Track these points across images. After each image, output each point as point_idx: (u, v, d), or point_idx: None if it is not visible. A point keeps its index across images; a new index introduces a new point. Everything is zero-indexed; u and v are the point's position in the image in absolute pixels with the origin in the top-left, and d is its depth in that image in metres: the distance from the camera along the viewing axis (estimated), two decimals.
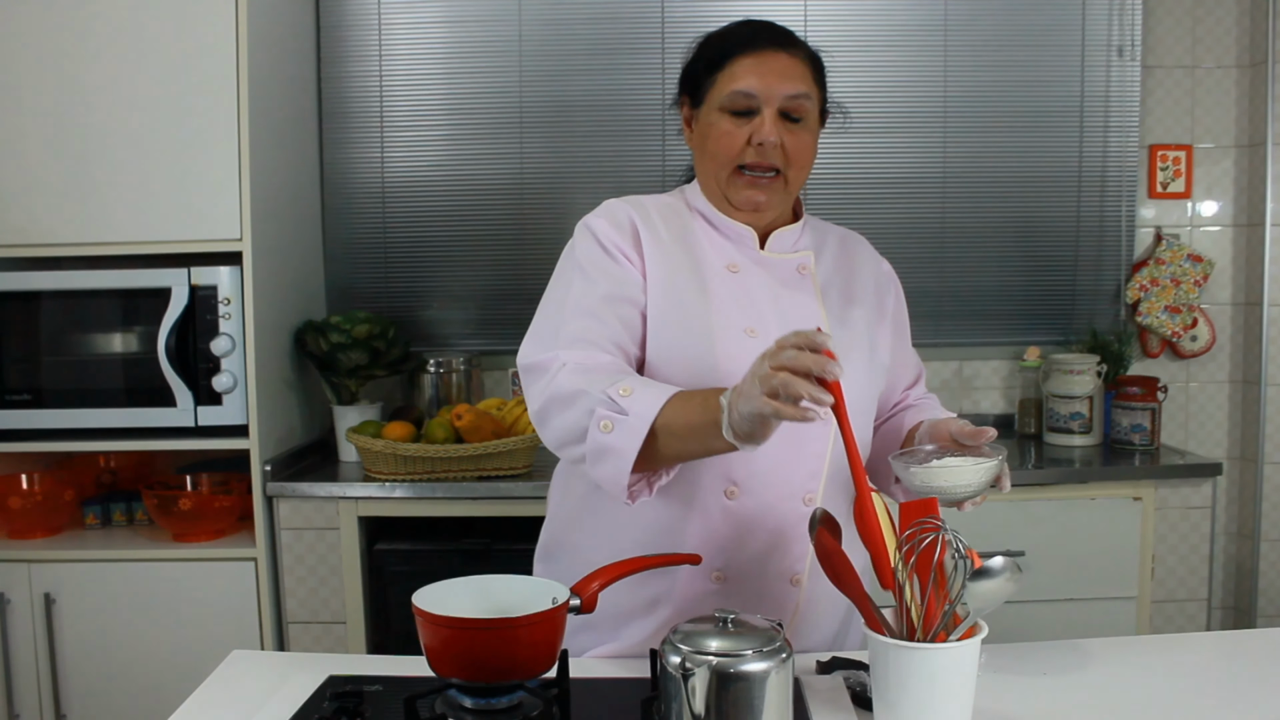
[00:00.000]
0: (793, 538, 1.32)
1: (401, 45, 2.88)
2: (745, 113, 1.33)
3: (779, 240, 1.41)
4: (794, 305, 1.37)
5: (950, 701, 1.01)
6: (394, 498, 2.37)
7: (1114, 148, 2.93)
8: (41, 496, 2.47)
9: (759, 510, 1.30)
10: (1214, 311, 2.98)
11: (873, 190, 2.92)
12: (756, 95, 1.32)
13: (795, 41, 1.37)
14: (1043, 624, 2.27)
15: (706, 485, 1.30)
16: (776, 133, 1.32)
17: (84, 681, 2.36)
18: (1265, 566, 2.91)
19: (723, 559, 1.32)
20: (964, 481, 1.19)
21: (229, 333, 2.32)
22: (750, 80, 1.32)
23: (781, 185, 1.36)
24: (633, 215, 1.38)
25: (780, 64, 1.33)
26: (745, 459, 1.26)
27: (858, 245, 1.51)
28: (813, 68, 1.38)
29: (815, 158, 1.41)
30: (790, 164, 1.35)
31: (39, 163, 2.32)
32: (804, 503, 1.32)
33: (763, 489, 1.31)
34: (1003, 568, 0.99)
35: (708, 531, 1.31)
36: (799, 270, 1.40)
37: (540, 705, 1.11)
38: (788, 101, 1.33)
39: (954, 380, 2.98)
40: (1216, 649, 1.45)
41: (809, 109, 1.35)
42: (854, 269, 1.46)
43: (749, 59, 1.33)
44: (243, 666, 1.32)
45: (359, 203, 2.91)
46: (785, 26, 1.38)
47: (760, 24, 1.38)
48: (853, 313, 1.41)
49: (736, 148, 1.33)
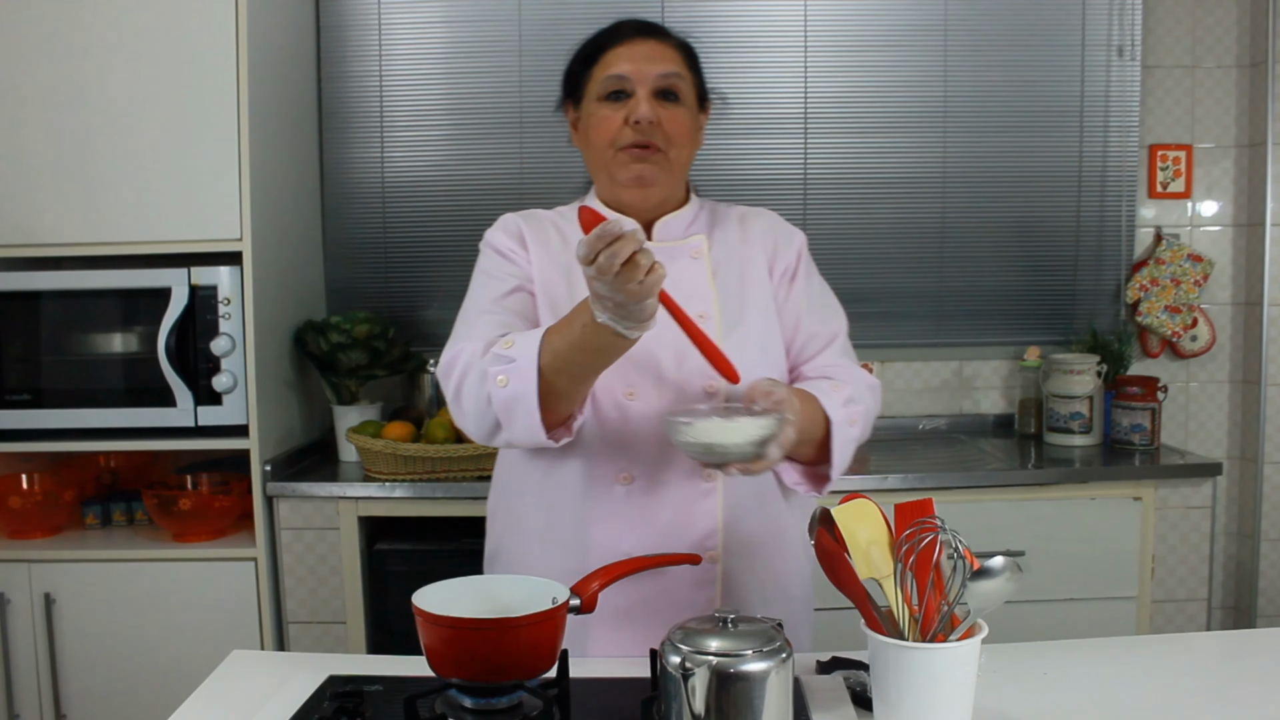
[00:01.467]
0: (696, 514, 1.36)
1: (401, 45, 2.88)
2: (620, 95, 1.39)
3: (666, 228, 1.45)
4: (682, 292, 1.38)
5: (950, 701, 1.01)
6: (394, 498, 2.37)
7: (1114, 148, 2.93)
8: (41, 496, 2.47)
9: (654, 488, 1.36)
10: (1214, 311, 2.98)
11: (873, 190, 2.92)
12: (629, 77, 1.39)
13: (663, 30, 1.44)
14: (1043, 624, 2.26)
15: (602, 469, 1.36)
16: (652, 110, 1.37)
17: (84, 681, 2.36)
18: (1265, 566, 2.91)
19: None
20: (725, 440, 1.16)
21: (229, 333, 2.32)
22: (622, 65, 1.39)
23: (665, 160, 1.40)
24: (520, 224, 1.46)
25: (648, 48, 1.40)
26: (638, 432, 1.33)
27: (758, 220, 1.53)
28: (683, 53, 1.44)
29: (698, 139, 1.46)
30: (670, 142, 1.40)
31: (39, 163, 2.32)
32: (704, 478, 1.36)
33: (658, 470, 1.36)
34: (1003, 568, 0.99)
35: (609, 517, 1.36)
36: (691, 255, 1.44)
37: (540, 705, 1.11)
38: (660, 81, 1.39)
39: (954, 380, 2.98)
40: (1216, 649, 1.45)
41: (683, 88, 1.41)
42: (750, 245, 1.48)
43: (619, 49, 1.40)
44: (243, 666, 1.32)
45: (359, 203, 2.91)
46: (654, 21, 1.45)
47: (628, 20, 1.45)
48: (748, 290, 1.44)
49: (615, 129, 1.39)
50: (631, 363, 1.32)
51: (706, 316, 1.38)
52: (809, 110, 2.89)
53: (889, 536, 1.09)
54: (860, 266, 2.91)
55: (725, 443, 1.17)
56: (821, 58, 2.89)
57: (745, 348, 1.35)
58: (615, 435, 1.34)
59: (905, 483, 2.42)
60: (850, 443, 1.37)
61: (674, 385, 1.35)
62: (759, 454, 1.19)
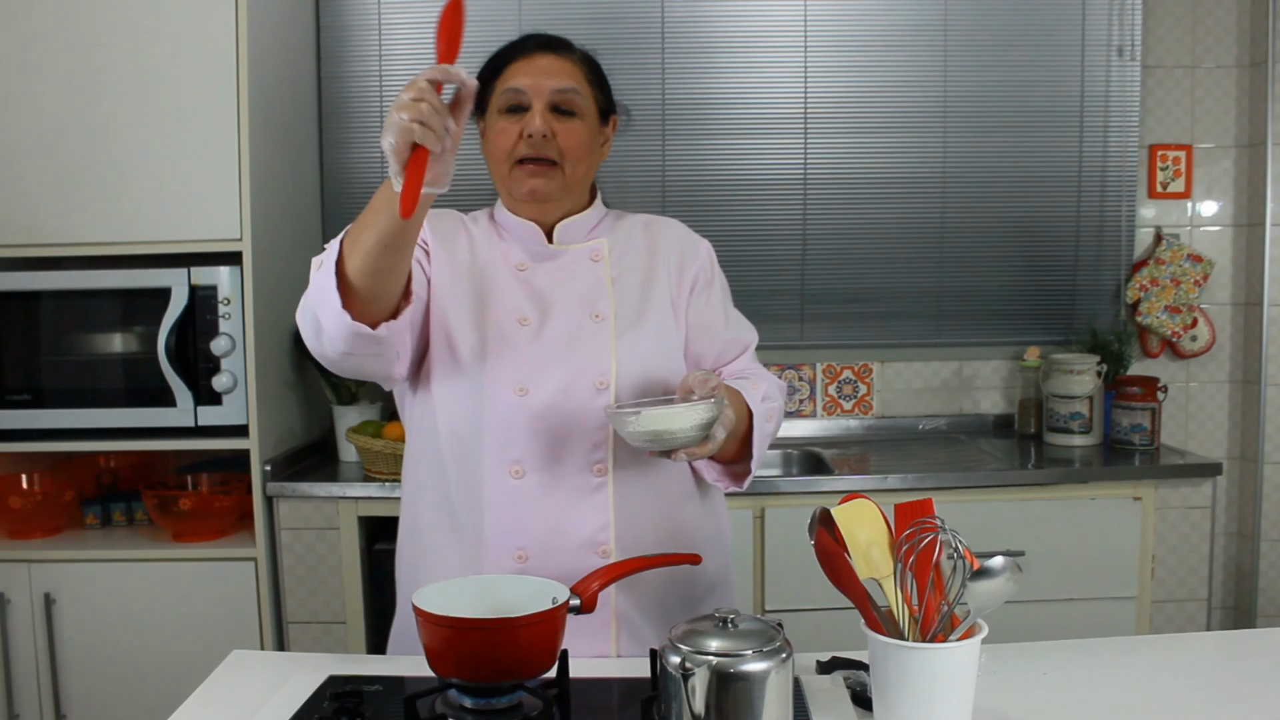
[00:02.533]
0: (587, 507, 1.37)
1: (401, 45, 2.88)
2: (518, 109, 1.40)
3: (566, 231, 1.47)
4: (578, 292, 1.43)
5: (950, 701, 1.01)
6: (394, 498, 2.37)
7: (1114, 148, 2.93)
8: (41, 496, 2.47)
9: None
10: (1214, 311, 2.98)
11: (873, 190, 2.92)
12: (525, 91, 1.40)
13: (566, 45, 1.46)
14: (1043, 624, 2.26)
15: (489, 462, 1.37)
16: (546, 124, 1.39)
17: (84, 681, 2.36)
18: (1265, 566, 2.91)
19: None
20: (672, 426, 1.21)
21: (229, 333, 2.32)
22: (520, 79, 1.41)
23: (560, 175, 1.42)
24: (430, 218, 1.45)
25: (546, 63, 1.42)
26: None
27: (665, 229, 1.55)
28: (586, 68, 1.46)
29: (599, 154, 1.48)
30: (565, 156, 1.42)
31: (39, 163, 2.32)
32: (595, 473, 1.37)
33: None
34: (1002, 568, 0.99)
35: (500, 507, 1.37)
36: (591, 258, 1.47)
37: (540, 705, 1.11)
38: (555, 95, 1.41)
39: (954, 380, 2.98)
40: (1216, 649, 1.45)
41: (579, 103, 1.42)
42: (656, 252, 1.50)
43: (519, 63, 1.43)
44: (243, 666, 1.32)
45: (359, 202, 2.87)
46: (560, 36, 1.47)
47: (534, 34, 1.47)
48: (650, 294, 1.45)
49: (510, 142, 1.41)
50: (521, 358, 1.36)
51: (602, 317, 1.41)
52: (809, 110, 2.89)
53: (889, 536, 1.09)
54: (860, 266, 2.91)
55: (672, 428, 1.22)
56: (821, 58, 2.89)
57: (638, 349, 1.40)
58: (507, 429, 1.36)
59: (905, 483, 2.42)
60: (767, 437, 1.43)
61: (563, 379, 1.37)
62: (705, 436, 1.25)
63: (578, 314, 1.41)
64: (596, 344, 1.39)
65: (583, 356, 1.38)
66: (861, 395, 2.98)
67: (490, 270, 1.44)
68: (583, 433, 1.36)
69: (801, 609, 2.28)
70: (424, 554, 1.44)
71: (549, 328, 1.40)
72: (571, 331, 1.40)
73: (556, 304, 1.42)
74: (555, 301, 1.42)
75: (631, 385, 1.38)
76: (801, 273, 2.91)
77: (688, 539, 1.44)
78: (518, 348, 1.38)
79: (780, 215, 2.90)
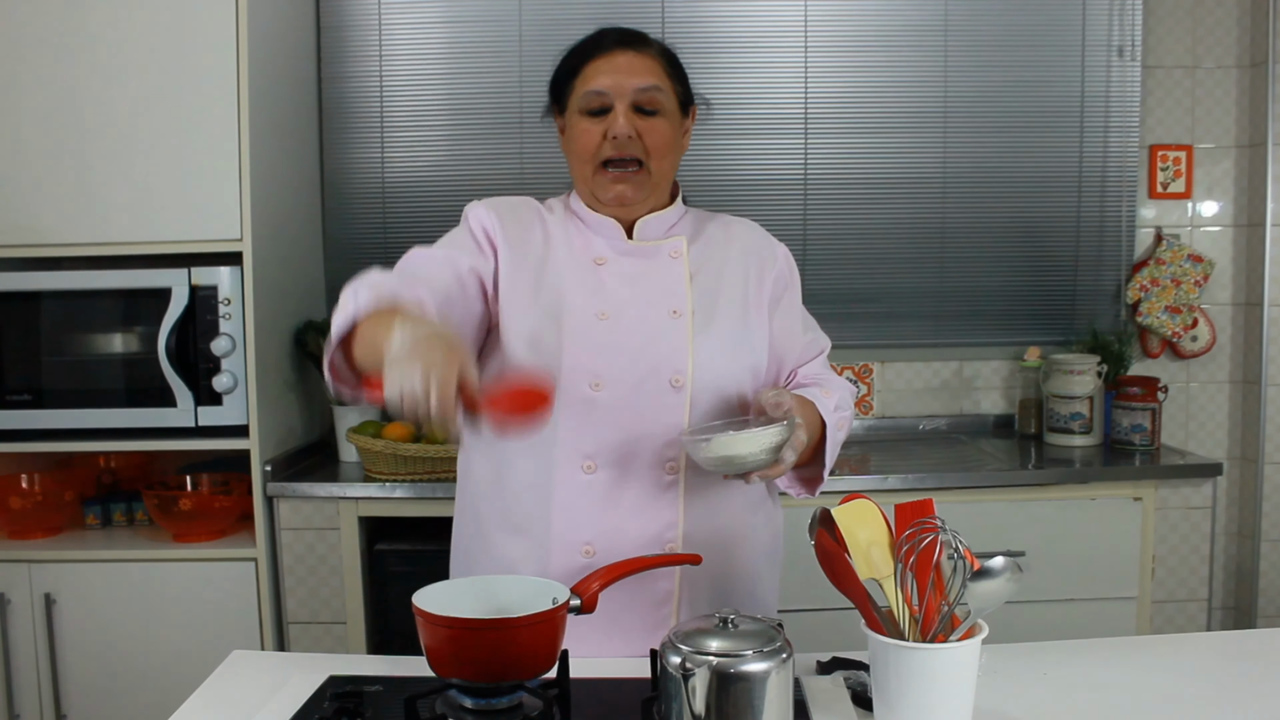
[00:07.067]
0: (658, 505, 1.37)
1: (401, 45, 2.88)
2: (600, 111, 1.40)
3: (646, 227, 1.47)
4: (657, 289, 1.43)
5: (950, 701, 1.01)
6: (394, 498, 2.37)
7: (1114, 148, 2.93)
8: (41, 496, 2.47)
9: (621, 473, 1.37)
10: (1214, 312, 2.98)
11: (873, 190, 2.92)
12: (607, 92, 1.40)
13: (644, 40, 1.45)
14: (1043, 624, 2.26)
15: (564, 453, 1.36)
16: (630, 125, 1.39)
17: (84, 681, 2.36)
18: (1265, 566, 2.91)
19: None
20: (743, 451, 1.24)
21: (229, 333, 2.32)
22: (601, 80, 1.40)
23: (645, 177, 1.42)
24: (502, 211, 1.46)
25: (627, 61, 1.41)
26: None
27: (743, 230, 1.55)
28: (665, 62, 1.45)
29: (680, 147, 1.48)
30: (650, 154, 1.41)
31: (39, 163, 2.32)
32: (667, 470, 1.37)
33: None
34: (1003, 568, 0.99)
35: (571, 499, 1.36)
36: (670, 255, 1.46)
37: (540, 705, 1.11)
38: (638, 95, 1.40)
39: (954, 380, 2.98)
40: (1216, 649, 1.45)
41: (662, 101, 1.42)
42: (733, 253, 1.50)
43: (599, 61, 1.41)
44: (243, 666, 1.32)
45: (359, 203, 2.91)
46: (637, 29, 1.46)
47: (610, 29, 1.46)
48: (725, 294, 1.45)
49: (594, 144, 1.41)
50: (597, 353, 1.36)
51: (680, 314, 1.41)
52: (809, 110, 2.89)
53: (889, 537, 1.09)
54: (860, 266, 2.91)
55: (743, 453, 1.25)
56: (821, 58, 2.89)
57: (714, 347, 1.40)
58: (580, 424, 1.35)
59: (905, 483, 2.42)
60: (838, 445, 1.44)
61: (638, 375, 1.36)
62: (775, 459, 1.27)
63: (655, 310, 1.40)
64: (673, 341, 1.39)
65: (659, 353, 1.38)
66: (862, 395, 2.98)
67: (567, 263, 1.43)
68: (657, 430, 1.36)
69: (801, 609, 2.28)
70: (484, 550, 1.44)
71: (625, 323, 1.39)
72: (648, 328, 1.39)
73: (634, 300, 1.41)
74: (632, 297, 1.41)
75: (706, 383, 1.38)
76: (802, 273, 2.89)
77: (753, 542, 1.44)
78: (593, 342, 1.37)
79: (780, 215, 2.89)
